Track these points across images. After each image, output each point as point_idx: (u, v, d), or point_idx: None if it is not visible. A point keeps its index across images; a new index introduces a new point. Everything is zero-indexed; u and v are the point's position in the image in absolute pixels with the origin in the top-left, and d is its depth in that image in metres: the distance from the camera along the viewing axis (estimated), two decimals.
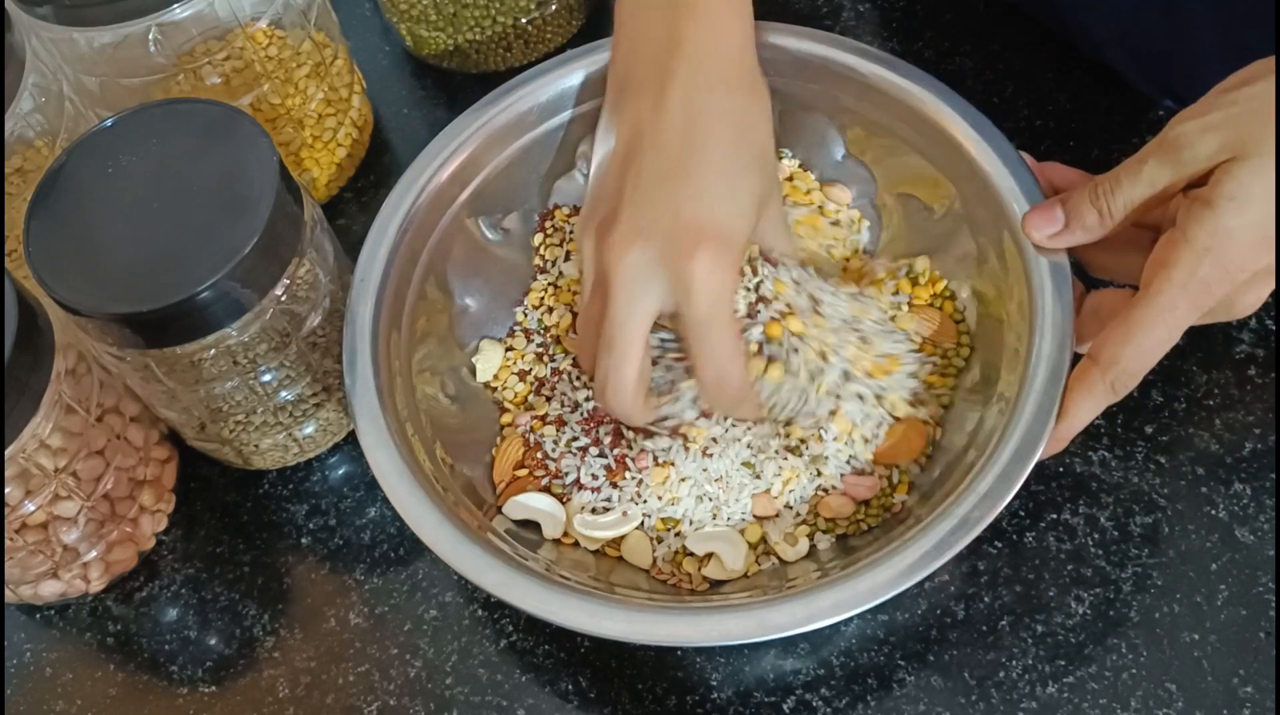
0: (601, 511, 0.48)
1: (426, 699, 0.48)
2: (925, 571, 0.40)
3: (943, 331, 0.50)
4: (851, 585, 0.40)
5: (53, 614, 0.52)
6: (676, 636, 0.41)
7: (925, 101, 0.50)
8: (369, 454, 0.45)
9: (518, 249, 0.55)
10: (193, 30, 0.54)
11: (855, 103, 0.52)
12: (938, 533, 0.41)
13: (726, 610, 0.41)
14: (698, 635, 0.41)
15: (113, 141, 0.47)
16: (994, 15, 0.63)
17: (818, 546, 0.47)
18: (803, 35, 0.52)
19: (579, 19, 0.66)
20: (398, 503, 0.44)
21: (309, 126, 0.60)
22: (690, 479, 0.48)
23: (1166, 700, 0.44)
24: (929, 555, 0.40)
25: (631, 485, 0.48)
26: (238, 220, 0.44)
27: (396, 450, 0.45)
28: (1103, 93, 0.59)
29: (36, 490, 0.46)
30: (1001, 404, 0.45)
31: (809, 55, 0.52)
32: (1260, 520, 0.47)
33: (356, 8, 0.70)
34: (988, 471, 0.42)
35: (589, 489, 0.48)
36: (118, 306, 0.43)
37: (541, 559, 0.46)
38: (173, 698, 0.49)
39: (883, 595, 0.40)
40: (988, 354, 0.48)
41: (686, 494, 0.48)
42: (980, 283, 0.50)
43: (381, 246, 0.49)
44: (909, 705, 0.45)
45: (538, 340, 0.53)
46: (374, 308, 0.48)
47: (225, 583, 0.52)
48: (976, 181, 0.48)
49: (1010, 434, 0.42)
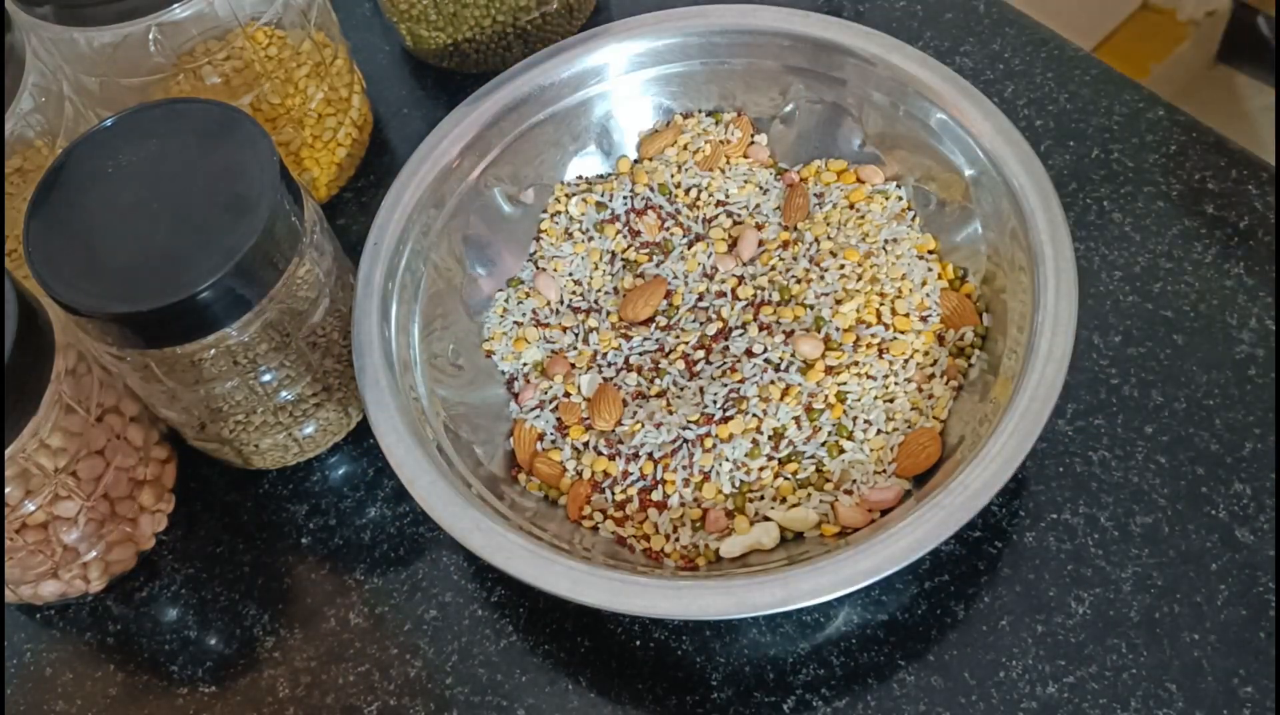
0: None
1: (426, 699, 0.48)
2: (910, 559, 0.40)
3: (960, 313, 0.50)
4: (833, 569, 0.41)
5: (53, 614, 0.52)
6: (656, 608, 0.41)
7: (944, 95, 0.50)
8: (370, 411, 0.46)
9: (533, 222, 0.56)
10: (193, 30, 0.54)
11: (874, 93, 0.52)
12: (927, 521, 0.41)
13: (707, 586, 0.41)
14: (676, 609, 0.41)
15: (113, 141, 0.47)
16: (994, 15, 0.63)
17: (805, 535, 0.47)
18: (827, 25, 0.53)
19: (579, 19, 0.66)
20: (391, 455, 0.45)
21: (309, 126, 0.60)
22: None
23: (1166, 700, 0.44)
24: (916, 543, 0.41)
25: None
26: (238, 220, 0.44)
27: (398, 408, 0.46)
28: (1103, 93, 0.59)
29: (36, 490, 0.46)
30: (999, 396, 0.45)
31: (830, 44, 0.52)
32: (1260, 520, 0.47)
33: (356, 8, 0.70)
34: (981, 460, 0.42)
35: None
36: (118, 306, 0.43)
37: (550, 532, 0.46)
38: (173, 698, 0.49)
39: (863, 581, 0.40)
40: (992, 346, 0.49)
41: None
42: (987, 275, 0.50)
43: (396, 211, 0.51)
44: (909, 705, 0.45)
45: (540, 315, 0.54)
46: (384, 272, 0.49)
47: (225, 583, 0.52)
48: (988, 175, 0.49)
49: (1005, 424, 0.42)
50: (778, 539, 0.47)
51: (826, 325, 0.49)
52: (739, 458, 0.47)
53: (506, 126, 0.54)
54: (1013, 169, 0.48)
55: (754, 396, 0.48)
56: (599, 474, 0.49)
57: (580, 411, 0.51)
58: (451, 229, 0.53)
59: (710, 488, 0.47)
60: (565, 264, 0.55)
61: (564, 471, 0.50)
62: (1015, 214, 0.47)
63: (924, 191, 0.53)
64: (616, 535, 0.48)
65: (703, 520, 0.47)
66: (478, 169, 0.54)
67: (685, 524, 0.47)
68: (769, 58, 0.54)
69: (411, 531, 0.52)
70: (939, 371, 0.49)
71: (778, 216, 0.54)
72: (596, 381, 0.51)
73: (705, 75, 0.56)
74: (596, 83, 0.55)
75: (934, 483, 0.44)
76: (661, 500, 0.48)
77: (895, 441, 0.48)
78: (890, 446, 0.48)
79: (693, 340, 0.51)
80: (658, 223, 0.55)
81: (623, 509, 0.48)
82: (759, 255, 0.53)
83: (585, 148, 0.57)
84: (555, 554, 0.43)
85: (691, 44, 0.55)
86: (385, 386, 0.47)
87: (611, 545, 0.48)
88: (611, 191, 0.56)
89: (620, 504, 0.48)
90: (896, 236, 0.51)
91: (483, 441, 0.50)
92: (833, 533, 0.46)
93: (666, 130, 0.57)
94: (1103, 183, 0.56)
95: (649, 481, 0.48)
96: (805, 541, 0.47)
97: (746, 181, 0.55)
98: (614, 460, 0.49)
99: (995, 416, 0.44)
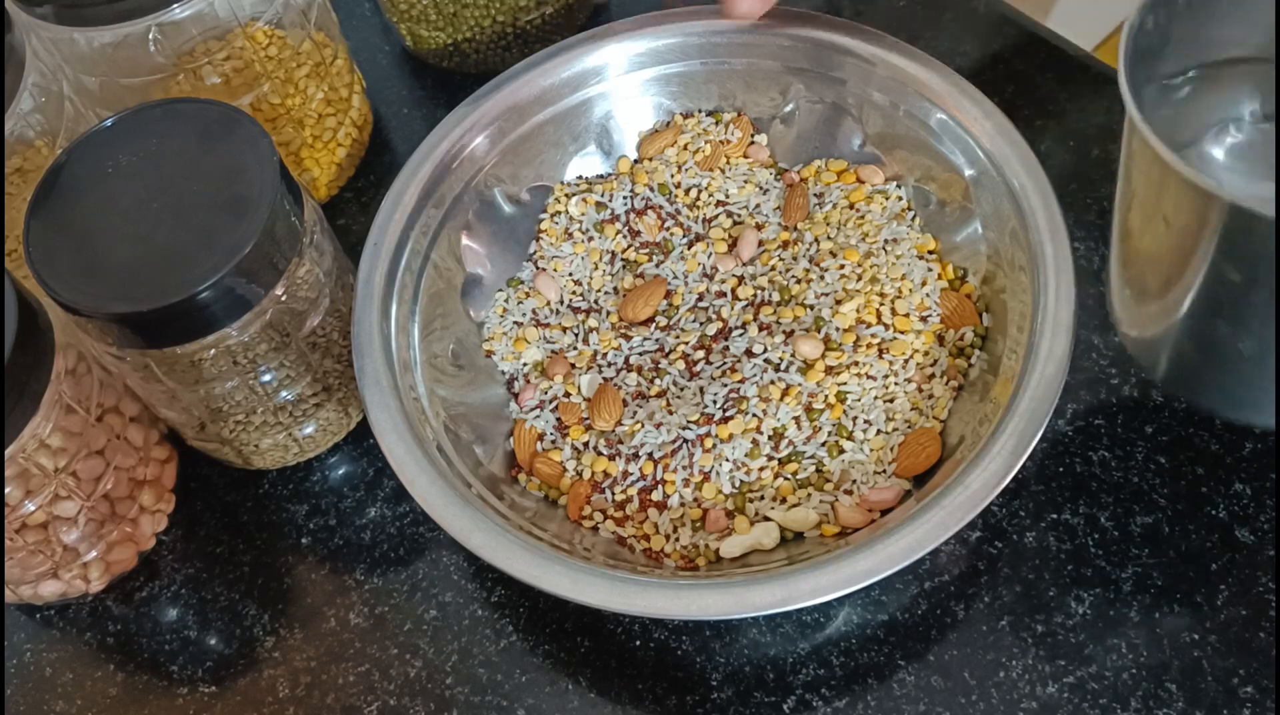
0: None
1: (426, 699, 0.48)
2: (911, 559, 0.40)
3: (960, 313, 0.50)
4: (834, 569, 0.41)
5: (53, 614, 0.52)
6: (655, 608, 0.41)
7: (944, 95, 0.50)
8: (370, 412, 0.46)
9: (533, 222, 0.56)
10: (193, 30, 0.54)
11: (874, 93, 0.52)
12: (928, 521, 0.41)
13: (707, 586, 0.41)
14: (677, 608, 0.41)
15: (113, 141, 0.47)
16: (994, 15, 0.63)
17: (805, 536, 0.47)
18: (827, 25, 0.53)
19: (579, 19, 0.66)
20: (391, 455, 0.45)
21: (309, 126, 0.60)
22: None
23: (1166, 700, 0.44)
24: (917, 543, 0.41)
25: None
26: (238, 220, 0.44)
27: (399, 408, 0.46)
28: (1103, 93, 0.59)
29: (36, 490, 0.46)
30: (999, 396, 0.45)
31: (830, 44, 0.53)
32: (1260, 520, 0.47)
33: (356, 8, 0.70)
34: (982, 460, 0.42)
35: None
36: (118, 306, 0.43)
37: (550, 532, 0.46)
38: (173, 698, 0.49)
39: (863, 581, 0.40)
40: (992, 346, 0.49)
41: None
42: (987, 275, 0.50)
43: (396, 211, 0.51)
44: (909, 705, 0.45)
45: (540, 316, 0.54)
46: (385, 272, 0.49)
47: (225, 583, 0.52)
48: (987, 175, 0.49)
49: (1005, 424, 0.42)
50: (778, 539, 0.47)
51: (826, 325, 0.49)
52: (739, 458, 0.47)
53: (507, 127, 0.54)
54: (1013, 169, 0.48)
55: (754, 396, 0.48)
56: (599, 474, 0.49)
57: (580, 411, 0.51)
58: (451, 229, 0.53)
59: (710, 488, 0.47)
60: (565, 264, 0.55)
61: (564, 471, 0.50)
62: (1015, 214, 0.47)
63: (924, 191, 0.53)
64: (616, 535, 0.48)
65: (703, 520, 0.47)
66: (478, 169, 0.54)
67: (685, 524, 0.47)
68: (769, 58, 0.54)
69: (411, 531, 0.52)
70: (939, 371, 0.49)
71: (778, 216, 0.54)
72: (596, 381, 0.51)
73: (705, 75, 0.56)
74: (596, 83, 0.55)
75: (934, 483, 0.44)
76: (661, 500, 0.48)
77: (895, 441, 0.48)
78: (890, 446, 0.48)
79: (693, 340, 0.51)
80: (658, 223, 0.55)
81: (623, 509, 0.48)
82: (759, 255, 0.53)
83: (585, 148, 0.57)
84: (555, 554, 0.43)
85: (691, 44, 0.55)
86: (386, 386, 0.47)
87: (612, 545, 0.48)
88: (611, 191, 0.56)
89: (620, 504, 0.48)
90: (896, 236, 0.51)
91: (483, 441, 0.50)
92: (833, 533, 0.46)
93: (666, 130, 0.57)
94: (1103, 183, 0.56)
95: (649, 481, 0.48)
96: (805, 542, 0.47)
97: (746, 181, 0.55)
98: (614, 460, 0.49)
99: (995, 416, 0.44)
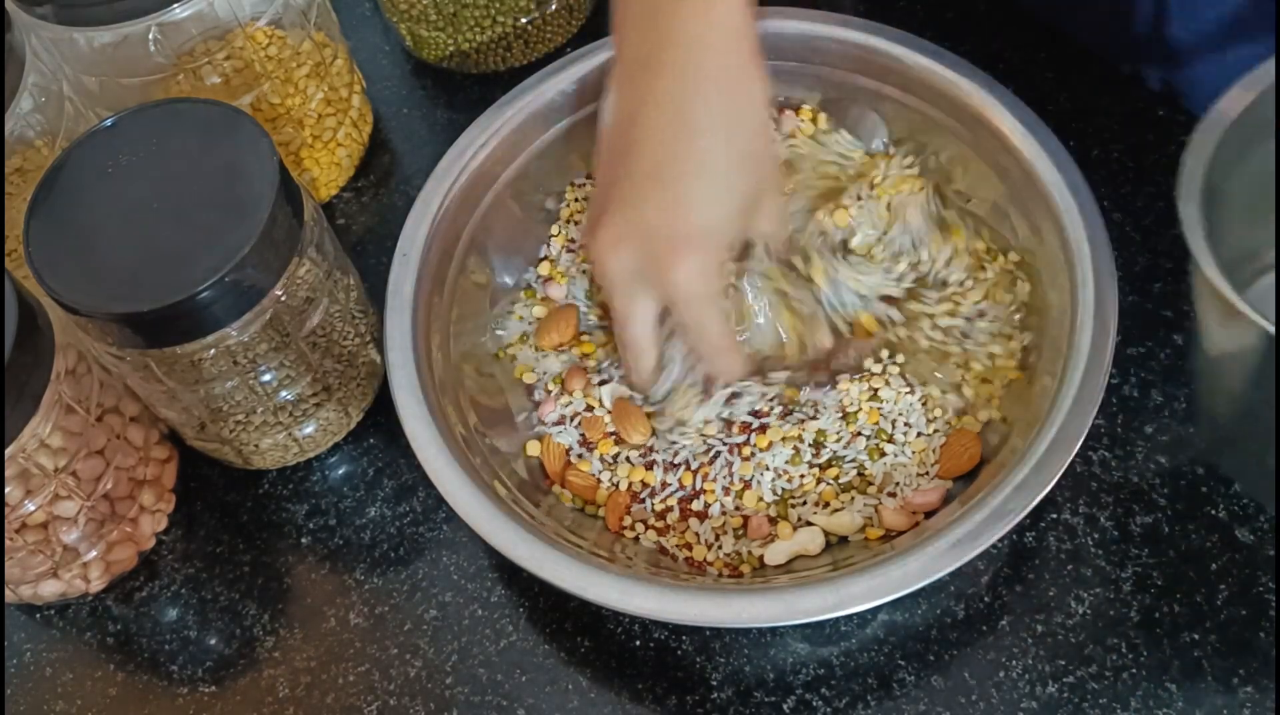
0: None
1: (426, 699, 0.48)
2: (959, 561, 0.40)
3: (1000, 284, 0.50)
4: (883, 572, 0.40)
5: (53, 614, 0.52)
6: (706, 616, 0.41)
7: (971, 94, 0.50)
8: (406, 425, 0.45)
9: (557, 229, 0.56)
10: (193, 30, 0.54)
11: (899, 93, 0.52)
12: (970, 523, 0.41)
13: (756, 593, 0.41)
14: (727, 616, 0.41)
15: (113, 141, 0.47)
16: (994, 14, 0.63)
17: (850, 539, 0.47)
18: (848, 24, 0.52)
19: (579, 19, 0.66)
20: (433, 472, 0.44)
21: (309, 126, 0.60)
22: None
23: (1166, 700, 0.44)
24: (962, 544, 0.40)
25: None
26: (238, 220, 0.44)
27: (433, 421, 0.45)
28: (1103, 93, 0.59)
29: (36, 490, 0.46)
30: (1039, 397, 0.45)
31: (854, 44, 0.52)
32: (1260, 520, 0.47)
33: (356, 8, 0.70)
34: (1023, 464, 0.42)
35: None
36: (118, 306, 0.43)
37: (589, 541, 0.46)
38: (173, 698, 0.49)
39: (915, 584, 0.40)
40: (1031, 348, 0.48)
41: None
42: (1023, 276, 0.50)
43: (424, 223, 0.50)
44: (909, 705, 0.45)
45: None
46: (415, 282, 0.49)
47: (225, 583, 0.52)
48: (1020, 174, 0.48)
49: (1048, 427, 0.42)
50: (823, 544, 0.47)
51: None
52: (779, 466, 0.47)
53: (532, 133, 0.54)
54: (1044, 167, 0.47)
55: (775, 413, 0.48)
56: (637, 484, 0.49)
57: (604, 426, 0.50)
58: (478, 236, 0.53)
59: (751, 496, 0.47)
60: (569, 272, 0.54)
61: (598, 483, 0.49)
62: (1048, 214, 0.47)
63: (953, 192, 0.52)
64: (658, 545, 0.48)
65: (744, 527, 0.47)
66: (503, 176, 0.53)
67: (727, 532, 0.47)
68: (791, 59, 0.54)
69: (411, 531, 0.52)
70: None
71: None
72: (616, 393, 0.51)
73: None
74: None
75: (978, 485, 0.44)
76: (702, 509, 0.48)
77: (937, 443, 0.48)
78: (933, 448, 0.47)
79: None
80: None
81: (663, 518, 0.48)
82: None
83: None
84: (600, 564, 0.43)
85: None
86: (418, 398, 0.46)
87: (654, 554, 0.47)
88: None
89: (660, 514, 0.48)
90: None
91: (511, 450, 0.50)
92: (877, 536, 0.46)
93: None
94: (1103, 183, 0.56)
95: (689, 491, 0.48)
96: (849, 546, 0.47)
97: None
98: (651, 470, 0.49)
99: (1037, 419, 0.44)
